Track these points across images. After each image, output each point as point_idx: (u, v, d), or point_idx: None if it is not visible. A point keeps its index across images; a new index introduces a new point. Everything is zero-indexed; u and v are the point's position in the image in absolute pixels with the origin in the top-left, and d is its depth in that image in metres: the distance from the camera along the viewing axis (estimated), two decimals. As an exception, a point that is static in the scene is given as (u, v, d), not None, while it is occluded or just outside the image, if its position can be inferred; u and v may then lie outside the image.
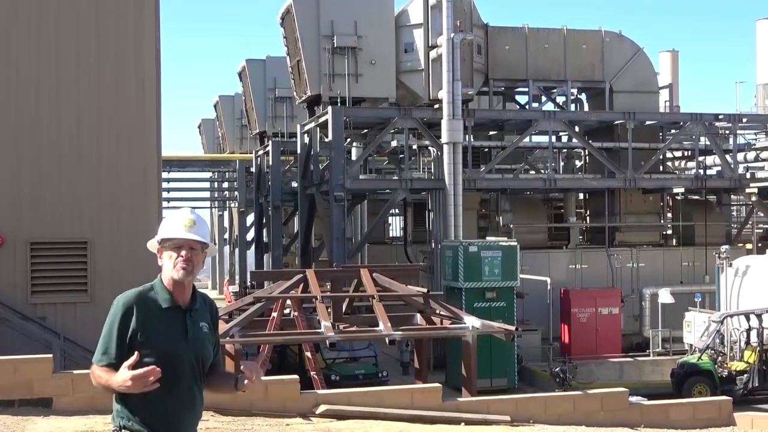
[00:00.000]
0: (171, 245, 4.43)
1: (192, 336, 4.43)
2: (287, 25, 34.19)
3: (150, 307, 4.40)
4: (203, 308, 4.58)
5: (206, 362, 4.52)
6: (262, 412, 12.93)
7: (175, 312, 4.43)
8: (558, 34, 36.01)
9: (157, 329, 4.35)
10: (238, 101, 56.69)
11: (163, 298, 4.43)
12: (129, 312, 4.35)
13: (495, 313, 25.50)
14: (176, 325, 4.41)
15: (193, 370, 4.41)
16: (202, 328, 4.50)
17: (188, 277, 4.44)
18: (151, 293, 4.45)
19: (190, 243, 4.43)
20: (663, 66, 49.26)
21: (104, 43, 19.32)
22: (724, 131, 38.25)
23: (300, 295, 20.86)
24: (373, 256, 38.26)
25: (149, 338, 4.32)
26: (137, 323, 4.33)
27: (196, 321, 4.49)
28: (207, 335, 4.52)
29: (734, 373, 24.81)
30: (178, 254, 4.41)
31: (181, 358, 4.33)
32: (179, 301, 4.45)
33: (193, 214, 4.54)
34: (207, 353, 4.52)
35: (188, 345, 4.39)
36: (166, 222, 4.53)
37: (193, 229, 4.44)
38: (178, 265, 4.41)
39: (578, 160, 42.46)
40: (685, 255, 35.41)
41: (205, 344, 4.50)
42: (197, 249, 4.46)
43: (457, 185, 30.29)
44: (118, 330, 4.33)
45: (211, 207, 68.18)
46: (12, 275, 18.78)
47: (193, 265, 4.44)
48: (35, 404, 12.59)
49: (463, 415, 14.16)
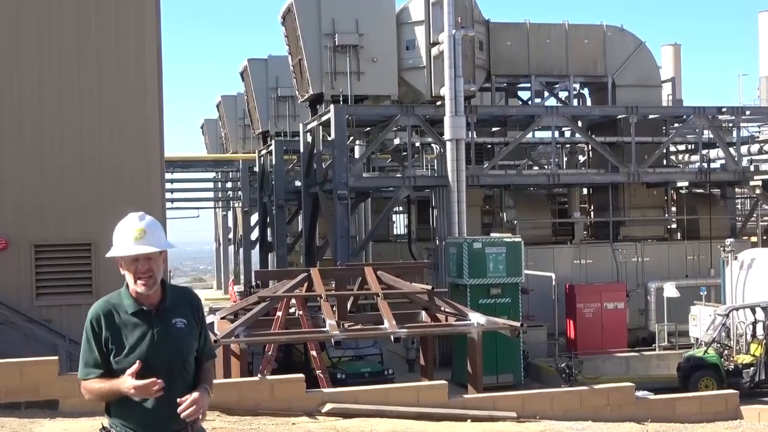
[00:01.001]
0: (127, 260, 4.39)
1: (162, 337, 4.39)
2: (288, 24, 34.17)
3: (118, 313, 4.41)
4: (179, 304, 4.53)
5: (187, 358, 4.48)
6: (268, 412, 12.94)
7: (141, 316, 4.42)
8: (559, 29, 35.94)
9: (125, 335, 4.37)
10: (240, 101, 56.65)
11: (128, 303, 4.43)
12: (98, 322, 4.38)
13: (500, 309, 25.47)
14: (143, 329, 4.39)
15: (169, 370, 4.37)
16: (175, 325, 4.45)
17: (151, 288, 4.41)
18: (117, 300, 4.47)
19: (144, 255, 4.37)
20: (665, 60, 49.17)
21: (105, 44, 19.33)
22: (727, 124, 38.15)
23: (304, 294, 20.84)
24: (378, 254, 38.22)
25: (119, 345, 4.35)
26: (107, 332, 4.37)
27: (166, 320, 4.44)
28: (183, 331, 4.46)
29: (740, 367, 24.76)
30: (135, 268, 4.37)
31: (151, 361, 4.31)
32: (145, 304, 4.44)
33: (142, 221, 4.40)
34: (185, 349, 4.47)
35: (157, 347, 4.37)
36: (116, 235, 4.43)
37: (144, 240, 4.35)
38: (138, 282, 4.38)
39: (581, 155, 42.39)
40: (690, 249, 35.34)
41: (180, 342, 4.46)
42: (154, 257, 4.39)
43: (461, 182, 30.25)
44: (95, 341, 4.38)
45: (215, 207, 68.25)
46: (17, 278, 18.81)
47: (154, 274, 4.39)
48: (41, 406, 12.62)
49: (470, 412, 14.16)
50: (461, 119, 30.13)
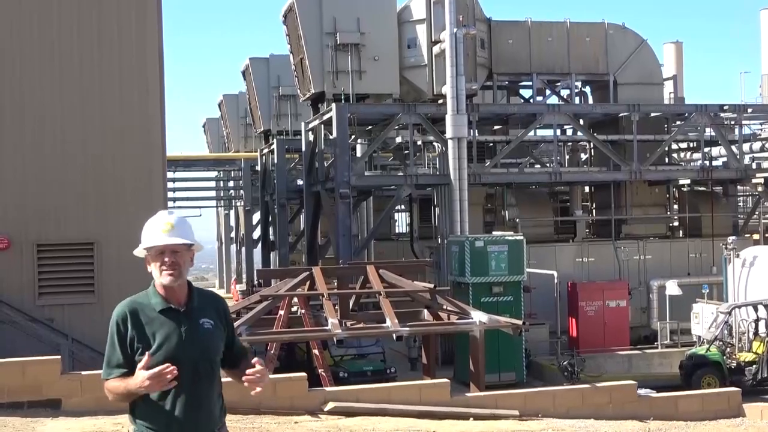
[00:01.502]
0: (154, 252, 4.40)
1: (189, 336, 4.38)
2: (290, 22, 34.17)
3: (144, 312, 4.39)
4: (205, 305, 4.53)
5: (214, 359, 4.46)
6: (271, 410, 12.94)
7: (170, 314, 4.40)
8: (561, 28, 35.92)
9: (153, 333, 4.34)
10: (242, 100, 56.65)
11: (156, 301, 4.42)
12: (124, 321, 4.35)
13: (502, 307, 25.47)
14: (172, 327, 4.37)
15: (196, 370, 4.36)
16: (203, 325, 4.44)
17: (176, 281, 4.40)
18: (145, 298, 4.45)
19: (171, 247, 4.39)
20: (667, 57, 49.14)
21: (107, 43, 19.34)
22: (729, 122, 38.13)
23: (307, 293, 20.85)
24: (380, 252, 38.22)
25: (146, 343, 4.32)
26: (133, 331, 4.34)
27: (194, 320, 4.43)
28: (210, 331, 4.46)
29: (743, 364, 24.75)
30: (161, 261, 4.38)
31: (179, 359, 4.28)
32: (173, 303, 4.43)
33: (171, 216, 4.48)
34: (212, 350, 4.46)
35: (186, 345, 4.35)
36: (145, 229, 4.47)
37: (173, 232, 4.40)
38: (163, 273, 4.38)
39: (583, 153, 42.36)
40: (692, 246, 35.32)
41: (208, 342, 4.44)
42: (181, 251, 4.42)
43: (463, 180, 30.25)
44: (119, 340, 4.35)
45: (217, 206, 68.25)
46: (19, 277, 18.83)
47: (180, 268, 4.40)
48: (44, 405, 12.64)
49: (472, 410, 14.16)
50: (463, 117, 30.12)
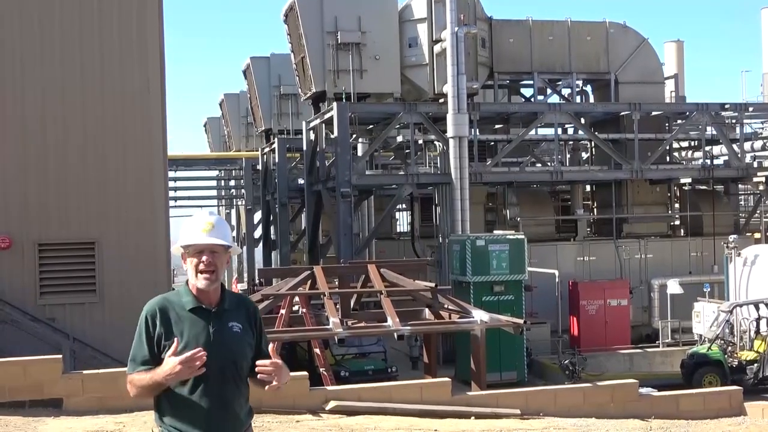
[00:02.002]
0: (192, 251, 4.41)
1: (217, 337, 4.37)
2: (291, 21, 34.17)
3: (174, 310, 4.40)
4: (236, 309, 4.52)
5: (241, 363, 4.43)
6: (272, 409, 12.95)
7: (200, 313, 4.41)
8: (562, 26, 35.90)
9: (180, 332, 4.34)
10: (243, 99, 56.63)
11: (187, 300, 4.42)
12: (153, 318, 4.36)
13: (503, 306, 25.48)
14: (201, 327, 4.37)
15: (222, 372, 4.34)
16: (232, 328, 4.43)
17: (212, 285, 4.41)
18: (176, 296, 4.47)
19: (210, 247, 4.40)
20: (668, 56, 49.11)
21: (108, 43, 19.36)
22: (730, 121, 38.10)
23: (308, 292, 20.86)
24: (381, 251, 38.21)
25: (173, 341, 4.30)
26: (161, 328, 4.35)
27: (224, 322, 4.43)
28: (239, 335, 4.44)
29: (744, 363, 24.75)
30: (199, 260, 4.39)
31: (206, 360, 4.24)
32: (204, 303, 4.43)
33: (212, 216, 4.50)
34: (240, 354, 4.44)
35: (213, 346, 4.32)
36: (186, 227, 4.49)
37: (212, 232, 4.41)
38: (200, 276, 4.39)
39: (584, 151, 42.33)
40: (694, 245, 35.31)
41: (235, 345, 4.43)
42: (219, 252, 4.42)
43: (464, 179, 30.25)
44: (147, 337, 4.35)
45: (218, 205, 68.21)
46: (20, 277, 18.85)
47: (216, 269, 4.41)
48: (45, 405, 12.64)
49: (473, 409, 14.16)
50: (464, 116, 30.12)
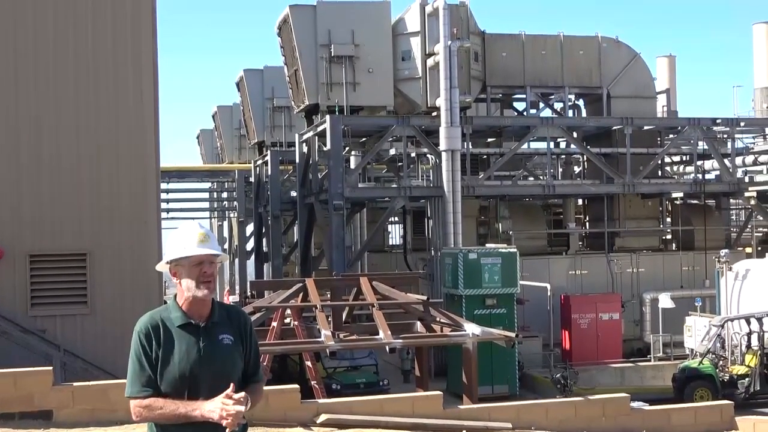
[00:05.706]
0: (189, 263, 4.34)
1: (208, 353, 4.32)
2: (284, 34, 34.24)
3: (164, 327, 4.34)
4: (226, 321, 4.47)
5: (231, 377, 4.34)
6: (263, 422, 12.91)
7: (189, 329, 4.35)
8: (555, 41, 36.04)
9: (172, 349, 4.29)
10: (236, 111, 56.65)
11: (176, 316, 4.37)
12: (147, 337, 4.31)
13: (495, 319, 25.46)
14: (191, 343, 4.32)
15: (211, 388, 4.26)
16: (222, 341, 4.37)
17: (212, 294, 4.38)
18: (165, 313, 4.40)
19: (209, 258, 4.36)
20: (660, 71, 49.43)
21: (101, 54, 19.35)
22: (722, 135, 38.32)
23: (300, 305, 20.84)
24: (373, 264, 38.22)
25: (165, 360, 4.28)
26: (155, 346, 4.30)
27: (213, 335, 4.37)
28: (229, 348, 4.39)
29: (735, 377, 24.79)
30: (200, 271, 4.33)
31: (196, 377, 4.24)
32: (194, 318, 4.38)
33: (202, 227, 4.45)
34: (229, 367, 4.37)
35: (203, 362, 4.28)
36: (177, 240, 4.41)
37: (207, 243, 4.37)
38: (201, 285, 4.33)
39: (577, 165, 42.47)
40: (685, 259, 35.40)
41: (226, 359, 4.37)
42: (215, 261, 4.41)
43: (456, 192, 30.30)
44: (146, 358, 4.29)
45: (211, 217, 68.08)
46: (12, 288, 18.76)
47: (215, 279, 4.40)
48: (36, 417, 12.58)
49: (465, 423, 14.14)
50: (457, 130, 30.19)
